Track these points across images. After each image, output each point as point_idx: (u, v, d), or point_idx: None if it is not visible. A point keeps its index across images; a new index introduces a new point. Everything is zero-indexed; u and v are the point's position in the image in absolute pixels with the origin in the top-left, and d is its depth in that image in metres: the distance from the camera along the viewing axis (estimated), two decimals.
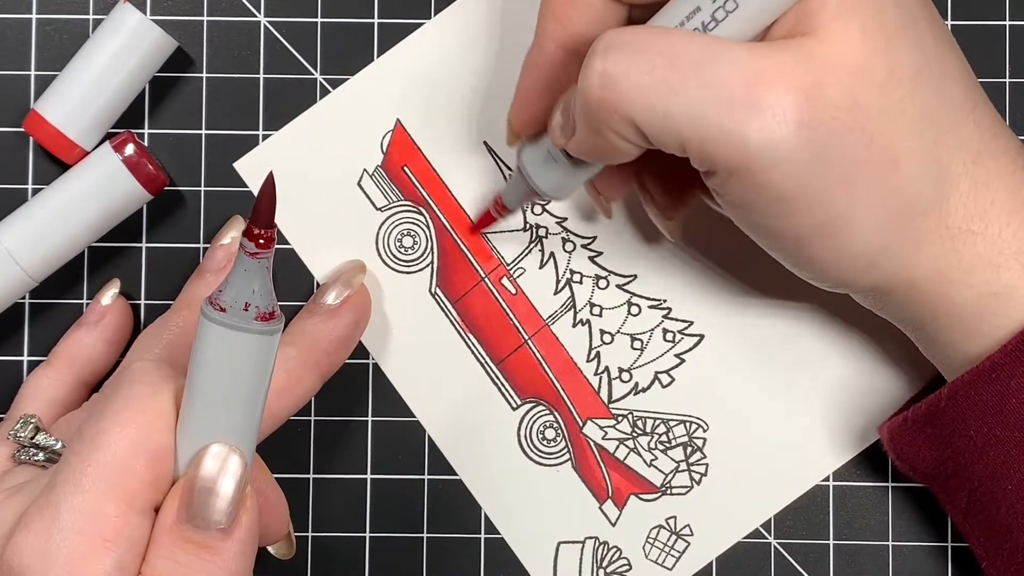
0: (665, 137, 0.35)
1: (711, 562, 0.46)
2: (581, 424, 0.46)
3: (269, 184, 0.30)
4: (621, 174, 0.42)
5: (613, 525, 0.46)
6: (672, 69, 0.34)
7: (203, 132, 0.46)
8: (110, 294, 0.45)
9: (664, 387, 0.46)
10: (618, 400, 0.46)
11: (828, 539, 0.46)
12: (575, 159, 0.39)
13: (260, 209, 0.30)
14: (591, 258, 0.47)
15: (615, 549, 0.46)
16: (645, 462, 0.46)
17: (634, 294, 0.47)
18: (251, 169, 0.46)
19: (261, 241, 0.30)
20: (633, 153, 0.37)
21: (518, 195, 0.43)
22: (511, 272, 0.47)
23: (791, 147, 0.34)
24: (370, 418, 0.46)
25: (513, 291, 0.47)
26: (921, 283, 0.37)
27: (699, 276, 0.46)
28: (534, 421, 0.46)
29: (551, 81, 0.39)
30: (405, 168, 0.46)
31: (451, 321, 0.46)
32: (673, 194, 0.42)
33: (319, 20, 0.46)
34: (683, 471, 0.46)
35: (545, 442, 0.46)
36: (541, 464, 0.46)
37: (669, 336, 0.46)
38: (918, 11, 0.36)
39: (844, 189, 0.35)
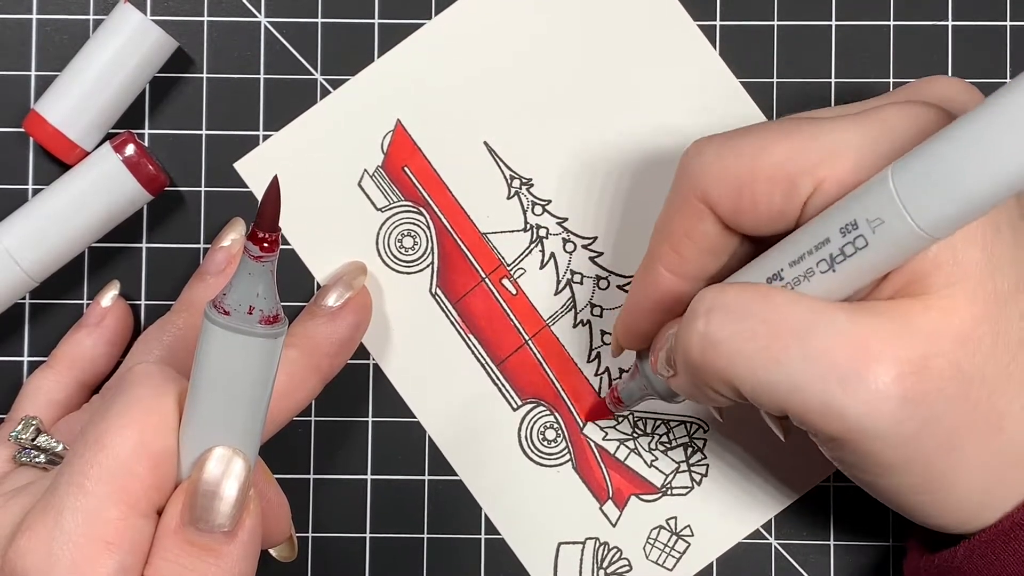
0: (765, 402, 0.35)
1: (712, 563, 0.46)
2: (582, 425, 0.46)
3: (274, 188, 0.30)
4: None
5: (613, 526, 0.46)
6: (774, 338, 0.34)
7: (203, 132, 0.46)
8: (110, 296, 0.45)
9: None
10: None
11: (828, 539, 0.46)
12: None
13: (265, 212, 0.30)
14: (592, 258, 0.47)
15: (615, 550, 0.46)
16: (646, 463, 0.46)
17: None
18: (251, 169, 0.46)
19: (266, 244, 0.30)
20: (733, 403, 0.37)
21: (637, 393, 0.43)
22: (511, 272, 0.46)
23: (894, 421, 0.33)
24: (370, 418, 0.46)
25: (514, 291, 0.47)
26: None
27: None
28: (535, 421, 0.46)
29: (660, 303, 0.39)
30: (405, 168, 0.46)
31: (451, 321, 0.46)
32: None
33: (319, 20, 0.46)
34: (684, 472, 0.46)
35: (546, 443, 0.46)
36: (542, 465, 0.46)
37: None
38: None
39: (945, 453, 0.34)
